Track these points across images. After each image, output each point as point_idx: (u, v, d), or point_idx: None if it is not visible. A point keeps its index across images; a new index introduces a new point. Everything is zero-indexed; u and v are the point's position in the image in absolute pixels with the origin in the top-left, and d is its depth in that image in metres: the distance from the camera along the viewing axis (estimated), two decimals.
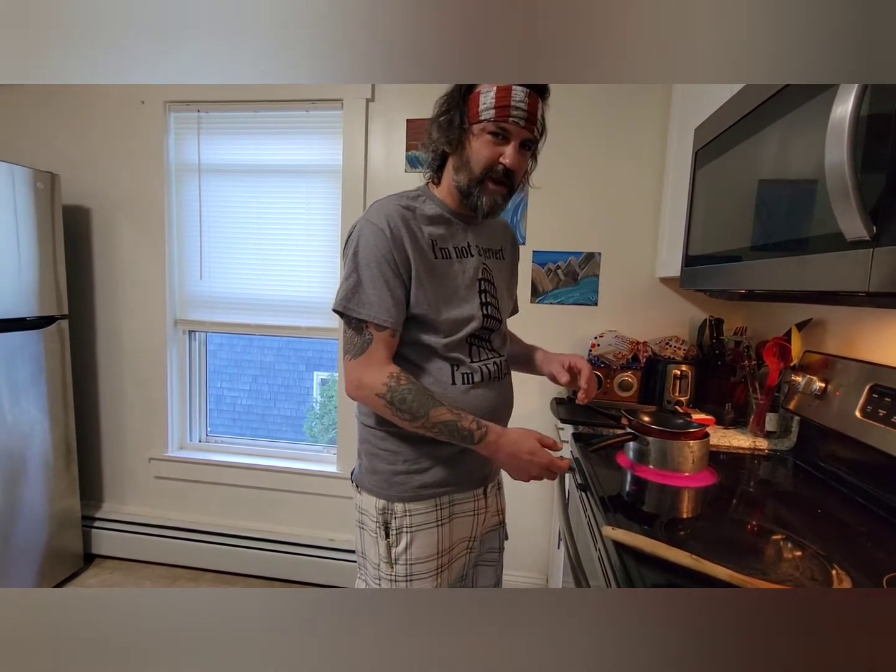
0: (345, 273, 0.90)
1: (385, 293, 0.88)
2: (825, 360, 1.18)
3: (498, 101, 0.85)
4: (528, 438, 0.90)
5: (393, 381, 0.87)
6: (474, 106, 0.87)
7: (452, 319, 0.93)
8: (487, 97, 0.86)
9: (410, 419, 0.87)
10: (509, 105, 0.85)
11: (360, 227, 0.90)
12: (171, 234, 2.13)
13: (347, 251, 0.92)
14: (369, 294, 0.87)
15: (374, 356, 0.89)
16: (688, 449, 1.09)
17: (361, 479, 1.00)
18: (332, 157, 1.99)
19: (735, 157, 1.01)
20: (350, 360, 0.91)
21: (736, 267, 0.97)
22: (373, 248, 0.87)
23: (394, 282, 0.88)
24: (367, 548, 1.00)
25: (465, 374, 0.95)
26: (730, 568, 0.68)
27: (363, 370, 0.89)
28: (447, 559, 0.98)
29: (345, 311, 0.89)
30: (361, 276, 0.88)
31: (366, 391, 0.89)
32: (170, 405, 2.22)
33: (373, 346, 0.89)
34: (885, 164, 0.59)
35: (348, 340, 0.91)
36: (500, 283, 1.04)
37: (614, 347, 1.70)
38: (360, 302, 0.88)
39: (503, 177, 0.90)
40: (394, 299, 0.88)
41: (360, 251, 0.88)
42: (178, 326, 2.21)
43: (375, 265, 0.87)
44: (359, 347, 0.89)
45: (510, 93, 0.85)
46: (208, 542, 2.16)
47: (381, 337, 0.89)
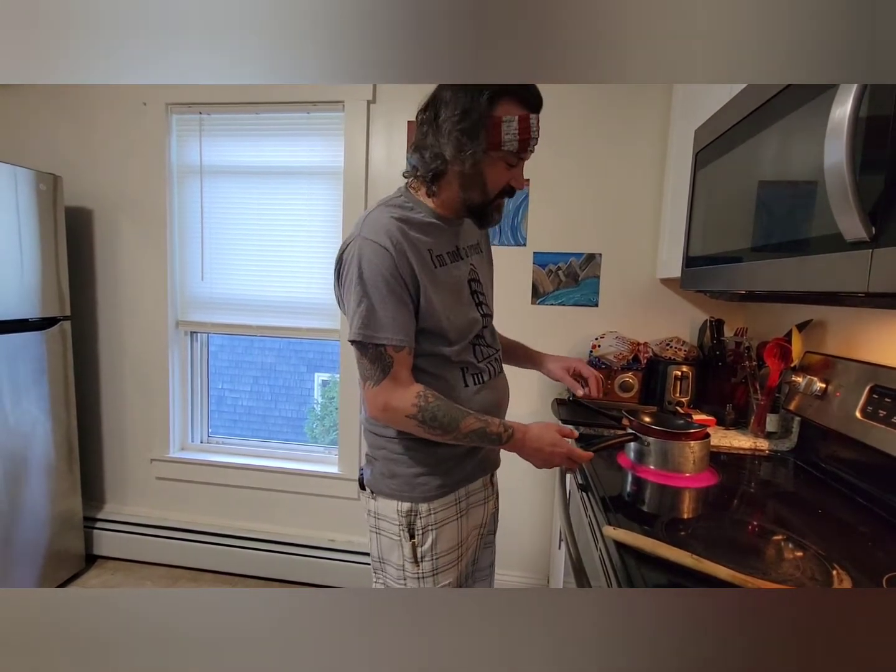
0: (354, 300, 0.86)
1: (397, 313, 0.86)
2: (825, 360, 1.18)
3: (521, 134, 0.86)
4: (549, 430, 0.95)
5: (422, 400, 0.87)
6: (497, 134, 0.85)
7: (459, 326, 0.95)
8: (510, 127, 0.85)
9: (442, 433, 0.89)
10: (531, 138, 0.87)
11: (359, 247, 0.86)
12: (172, 235, 2.14)
13: (348, 273, 0.88)
14: (382, 317, 0.86)
15: (397, 379, 0.88)
16: (688, 449, 1.09)
17: (377, 484, 0.99)
18: (334, 159, 2.00)
19: (735, 158, 1.01)
20: (372, 386, 0.89)
21: (736, 268, 0.97)
22: (377, 268, 0.85)
23: (403, 298, 0.87)
24: (386, 552, 0.99)
25: (475, 376, 0.98)
26: (731, 568, 0.69)
27: (388, 394, 0.88)
28: (465, 548, 1.02)
29: (364, 340, 0.86)
30: (372, 300, 0.85)
31: (393, 413, 0.89)
32: (171, 406, 2.22)
33: (394, 368, 0.88)
34: (884, 166, 0.59)
35: (367, 367, 0.89)
36: (484, 279, 1.07)
37: (615, 348, 1.70)
38: (377, 327, 0.86)
39: (510, 194, 0.95)
40: (406, 317, 0.88)
41: (365, 273, 0.85)
42: (179, 328, 2.22)
43: (384, 285, 0.85)
44: (380, 373, 0.88)
45: (530, 124, 0.86)
46: (209, 542, 2.17)
47: (400, 357, 0.88)
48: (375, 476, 1.00)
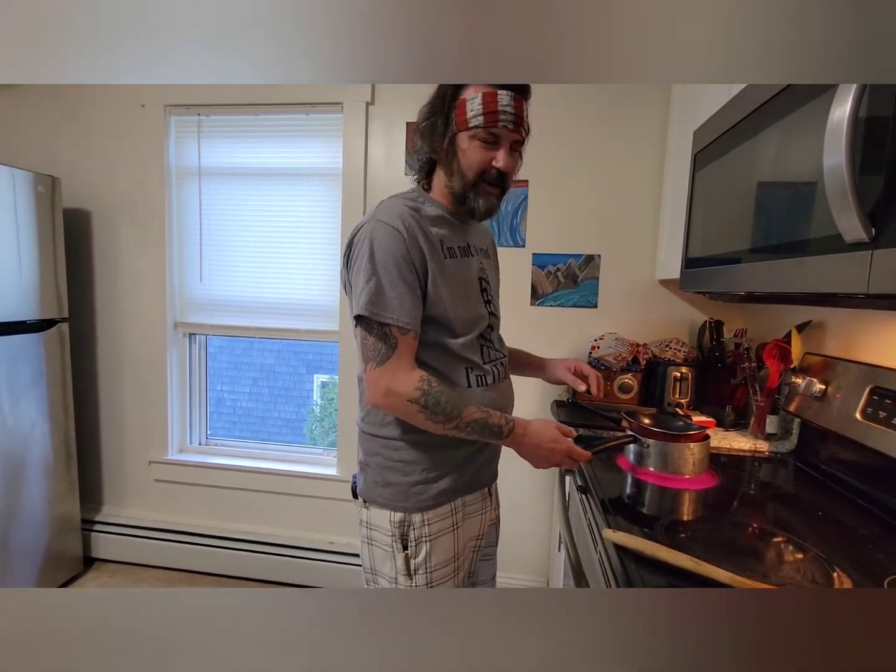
0: (363, 277, 0.85)
1: (406, 295, 0.85)
2: (825, 361, 1.18)
3: (486, 107, 0.85)
4: (549, 428, 0.93)
5: (425, 384, 0.86)
6: (461, 113, 0.87)
7: (465, 318, 0.94)
8: (474, 103, 0.85)
9: (444, 421, 0.86)
10: (497, 110, 0.85)
11: (372, 229, 0.86)
12: (171, 237, 2.13)
13: (360, 253, 0.87)
14: (391, 297, 0.84)
15: (401, 361, 0.86)
16: (688, 451, 1.08)
17: (370, 493, 0.97)
18: (332, 160, 2.00)
19: (734, 159, 1.01)
20: (374, 367, 0.87)
21: (735, 269, 0.97)
22: (389, 249, 0.85)
23: (413, 283, 0.86)
24: (378, 563, 0.97)
25: (479, 377, 0.97)
26: (730, 570, 0.68)
27: (391, 377, 0.86)
28: (461, 560, 1.00)
29: (370, 316, 0.85)
30: (381, 279, 0.84)
31: (396, 398, 0.86)
32: (170, 408, 2.21)
33: (399, 350, 0.86)
34: (884, 166, 0.59)
35: (371, 347, 0.87)
36: (493, 282, 1.07)
37: (614, 349, 1.70)
38: (384, 306, 0.84)
39: (497, 179, 0.91)
40: (413, 301, 0.86)
41: (377, 253, 0.85)
42: (178, 329, 2.21)
43: (394, 266, 0.84)
44: (384, 353, 0.86)
45: (496, 97, 0.85)
46: (208, 545, 2.16)
47: (405, 340, 0.86)
48: (368, 484, 0.97)
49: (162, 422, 2.22)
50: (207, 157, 2.08)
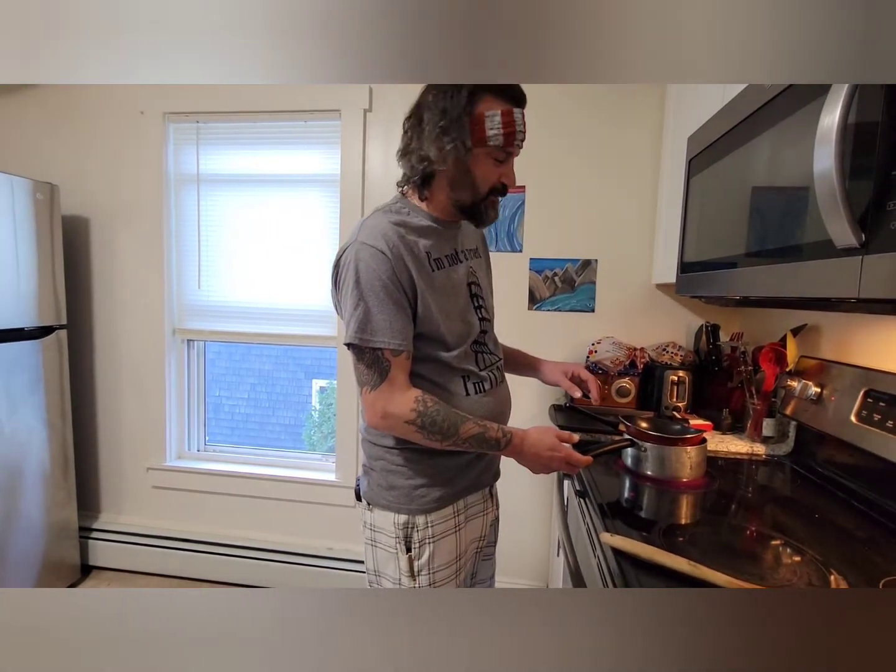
0: (351, 303, 0.86)
1: (395, 316, 0.86)
2: (820, 365, 1.18)
3: (505, 127, 0.86)
4: (548, 435, 0.93)
5: (420, 405, 0.86)
6: (481, 130, 0.86)
7: (457, 332, 0.95)
8: (493, 122, 0.85)
9: (442, 439, 0.88)
10: (515, 131, 0.87)
11: (356, 251, 0.86)
12: (169, 243, 2.14)
13: (345, 278, 0.88)
14: (379, 320, 0.85)
15: (395, 383, 0.87)
16: (685, 455, 1.09)
17: (374, 496, 0.98)
18: (330, 167, 2.01)
19: (728, 165, 1.03)
20: (370, 391, 0.88)
21: (731, 273, 0.98)
22: (374, 272, 0.85)
23: (402, 302, 0.87)
24: (382, 565, 0.98)
25: (476, 384, 0.97)
26: (728, 574, 0.69)
27: (386, 399, 0.87)
28: (464, 561, 1.01)
29: (360, 343, 0.86)
30: (369, 304, 0.85)
31: (393, 420, 0.88)
32: (168, 414, 2.21)
33: (392, 372, 0.87)
34: (873, 172, 0.60)
35: (364, 372, 0.88)
36: (484, 283, 1.06)
37: (612, 354, 1.70)
38: (373, 330, 0.85)
39: (502, 191, 0.94)
40: (403, 321, 0.87)
41: (362, 277, 0.85)
42: (176, 335, 2.21)
43: (381, 288, 0.85)
44: (377, 377, 0.87)
45: (514, 117, 0.86)
46: (206, 552, 2.15)
47: (397, 362, 0.87)
48: (372, 487, 0.98)
49: (160, 428, 2.21)
50: (206, 164, 2.09)
